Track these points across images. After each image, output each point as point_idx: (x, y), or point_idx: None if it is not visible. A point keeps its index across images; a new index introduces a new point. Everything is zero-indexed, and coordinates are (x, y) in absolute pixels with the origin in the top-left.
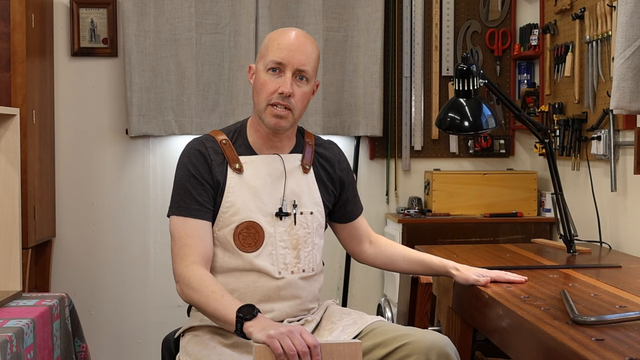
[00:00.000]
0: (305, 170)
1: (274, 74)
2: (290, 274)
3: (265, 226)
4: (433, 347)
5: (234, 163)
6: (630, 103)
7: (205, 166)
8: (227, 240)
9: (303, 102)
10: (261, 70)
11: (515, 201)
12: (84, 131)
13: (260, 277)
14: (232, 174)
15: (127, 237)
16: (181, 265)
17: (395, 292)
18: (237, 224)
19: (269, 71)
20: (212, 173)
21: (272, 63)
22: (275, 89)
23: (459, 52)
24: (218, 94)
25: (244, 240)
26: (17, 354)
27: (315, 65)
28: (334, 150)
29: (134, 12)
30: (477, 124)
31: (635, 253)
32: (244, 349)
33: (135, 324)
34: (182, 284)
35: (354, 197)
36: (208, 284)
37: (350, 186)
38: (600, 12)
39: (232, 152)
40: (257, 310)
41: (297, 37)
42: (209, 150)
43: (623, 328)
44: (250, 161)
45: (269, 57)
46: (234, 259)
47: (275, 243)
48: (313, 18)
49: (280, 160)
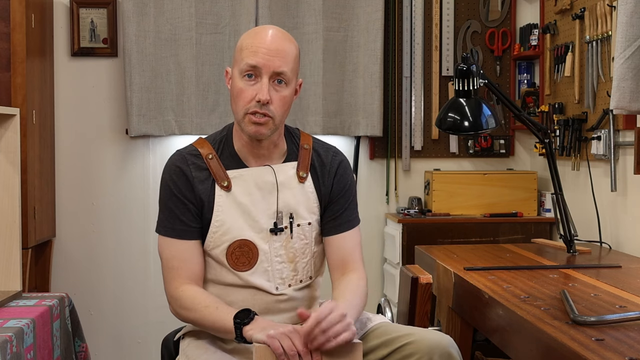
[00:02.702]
0: (301, 180)
1: (249, 80)
2: (288, 287)
3: (259, 243)
4: (436, 346)
5: (221, 181)
6: (630, 103)
7: (186, 185)
8: (220, 259)
9: (283, 107)
10: (237, 77)
11: (515, 201)
12: (84, 131)
13: (257, 293)
14: (220, 192)
15: (127, 237)
16: (171, 287)
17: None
18: (229, 243)
19: (245, 77)
20: (194, 191)
21: (247, 67)
22: (253, 96)
23: (459, 52)
24: (218, 94)
25: (237, 260)
26: (17, 354)
27: (294, 66)
28: (329, 157)
29: (134, 12)
30: (477, 124)
31: (635, 253)
32: (245, 354)
33: (135, 324)
34: (175, 306)
35: (345, 209)
36: (200, 300)
37: (342, 197)
38: (600, 12)
39: (219, 168)
40: (254, 313)
41: (272, 37)
42: (190, 167)
43: (623, 328)
44: (239, 175)
45: (244, 62)
46: (229, 275)
47: (271, 259)
48: (313, 18)
49: (272, 171)
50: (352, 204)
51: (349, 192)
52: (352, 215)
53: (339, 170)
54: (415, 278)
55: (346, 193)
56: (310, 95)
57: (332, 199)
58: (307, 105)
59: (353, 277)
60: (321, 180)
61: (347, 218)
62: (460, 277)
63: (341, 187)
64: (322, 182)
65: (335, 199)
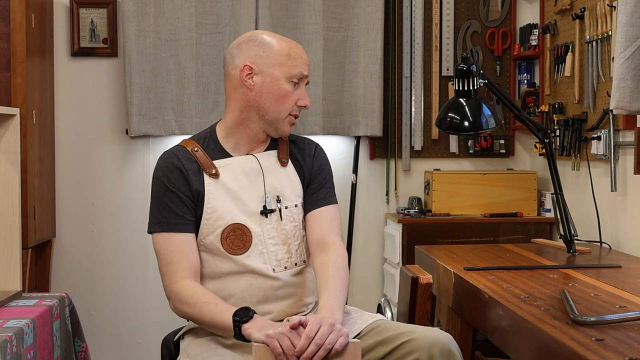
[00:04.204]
0: (282, 164)
1: (294, 85)
2: (284, 270)
3: (251, 226)
4: (436, 343)
5: (209, 169)
6: (630, 103)
7: (180, 178)
8: (215, 246)
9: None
10: (282, 79)
11: (515, 201)
12: (84, 131)
13: (255, 278)
14: (209, 180)
15: (127, 237)
16: (170, 282)
17: (395, 292)
18: (223, 228)
19: (291, 82)
20: (189, 184)
21: (300, 75)
22: (295, 100)
23: (459, 52)
24: (218, 94)
25: (232, 243)
26: (17, 354)
27: None
28: (305, 144)
29: (134, 12)
30: (477, 124)
31: (635, 253)
32: (245, 349)
33: (135, 324)
34: (174, 301)
35: (322, 186)
36: (200, 296)
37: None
38: (600, 12)
39: (205, 158)
40: (253, 312)
41: (303, 49)
42: (182, 160)
43: (623, 328)
44: (225, 164)
45: (297, 70)
46: (225, 263)
47: (265, 241)
48: (313, 18)
49: (255, 159)
50: (329, 183)
51: (325, 171)
52: (329, 193)
53: (316, 152)
54: (415, 278)
55: (323, 171)
56: (310, 95)
57: (312, 178)
58: None
59: (331, 258)
60: (302, 163)
61: (324, 194)
62: (460, 277)
63: (318, 165)
64: (304, 163)
65: (314, 178)
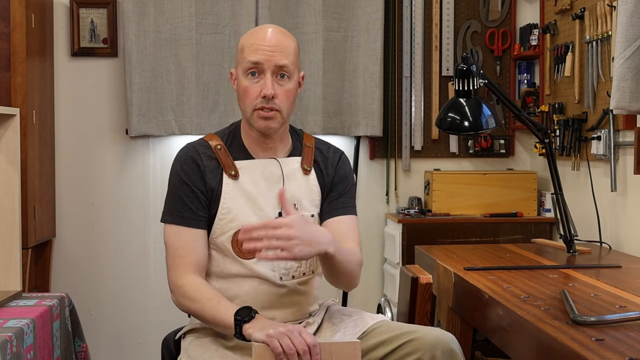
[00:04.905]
0: (305, 172)
1: (253, 78)
2: (291, 279)
3: None
4: (438, 343)
5: (229, 169)
6: (630, 103)
7: (197, 173)
8: (225, 247)
9: (289, 100)
10: (241, 76)
11: (515, 201)
12: (84, 131)
13: (262, 283)
14: (227, 180)
15: (127, 237)
16: (175, 276)
17: (395, 292)
18: (235, 230)
19: (249, 75)
20: (204, 180)
21: (250, 65)
22: (258, 93)
23: (459, 52)
24: (218, 94)
25: (242, 247)
26: (17, 354)
27: (294, 59)
28: (330, 152)
29: (134, 12)
30: (477, 124)
31: (635, 253)
32: (246, 351)
33: (135, 324)
34: (177, 294)
35: (342, 195)
36: (203, 292)
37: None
38: (600, 12)
39: (227, 157)
40: (255, 312)
41: (271, 34)
42: (201, 156)
43: (623, 328)
44: (246, 166)
45: (246, 60)
46: (234, 265)
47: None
48: (313, 18)
49: (278, 164)
50: (350, 193)
51: (347, 180)
52: (349, 203)
53: (340, 161)
54: (415, 278)
55: (344, 180)
56: (310, 95)
57: (332, 187)
58: (307, 105)
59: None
60: (324, 172)
61: (343, 204)
62: (460, 277)
63: (341, 174)
64: (326, 173)
65: (335, 186)
